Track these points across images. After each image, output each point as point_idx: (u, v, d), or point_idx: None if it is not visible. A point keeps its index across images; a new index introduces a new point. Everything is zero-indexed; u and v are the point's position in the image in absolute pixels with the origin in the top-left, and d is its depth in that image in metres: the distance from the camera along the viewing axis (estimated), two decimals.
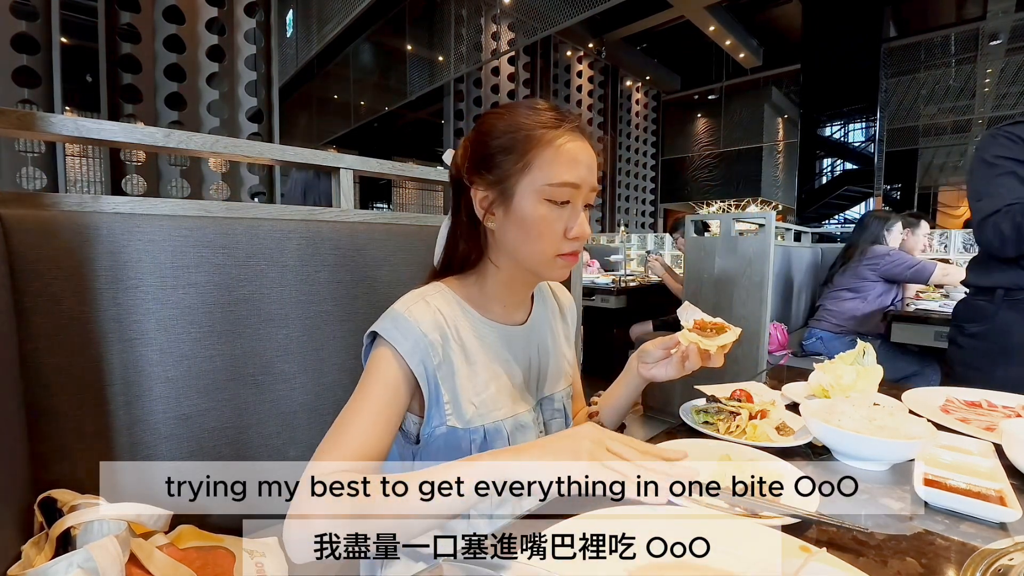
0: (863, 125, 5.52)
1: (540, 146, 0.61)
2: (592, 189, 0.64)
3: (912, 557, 0.42)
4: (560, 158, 0.61)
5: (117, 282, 0.65)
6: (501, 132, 0.62)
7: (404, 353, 0.60)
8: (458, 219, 0.69)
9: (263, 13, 2.90)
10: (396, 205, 10.66)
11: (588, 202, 0.65)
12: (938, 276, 2.24)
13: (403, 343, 0.60)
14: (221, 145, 0.82)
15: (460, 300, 0.68)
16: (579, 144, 0.63)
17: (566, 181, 0.61)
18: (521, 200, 0.62)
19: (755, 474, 0.54)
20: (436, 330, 0.62)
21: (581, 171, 0.62)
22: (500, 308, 0.71)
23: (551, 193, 0.61)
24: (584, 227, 0.63)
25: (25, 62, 2.20)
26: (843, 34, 5.52)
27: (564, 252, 0.64)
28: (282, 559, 0.70)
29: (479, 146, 0.65)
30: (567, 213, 0.63)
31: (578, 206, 0.63)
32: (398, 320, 0.61)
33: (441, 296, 0.66)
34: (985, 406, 0.83)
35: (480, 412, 0.64)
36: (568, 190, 0.61)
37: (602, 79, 7.30)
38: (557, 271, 0.66)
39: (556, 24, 4.60)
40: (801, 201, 5.85)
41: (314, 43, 6.16)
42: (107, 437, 0.65)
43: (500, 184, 0.62)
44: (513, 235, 0.64)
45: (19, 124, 0.63)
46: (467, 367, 0.64)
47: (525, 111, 0.63)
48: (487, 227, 0.66)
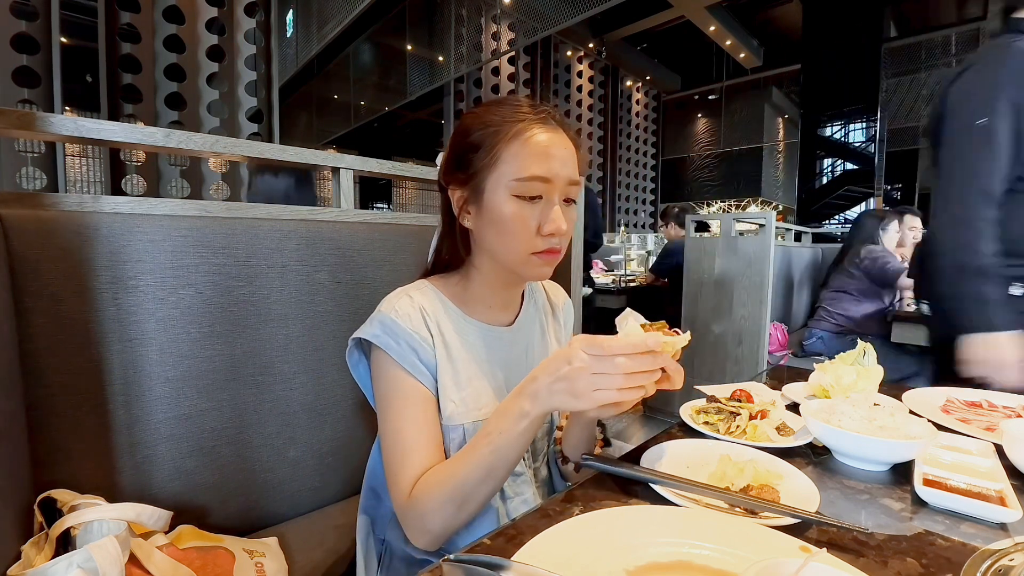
0: (863, 125, 5.52)
1: (506, 140, 0.59)
2: (570, 182, 0.61)
3: (912, 557, 0.42)
4: (527, 151, 0.59)
5: (117, 282, 0.65)
6: (473, 129, 0.62)
7: (400, 359, 0.60)
8: (443, 220, 0.69)
9: (263, 13, 2.90)
10: (396, 205, 10.66)
11: (568, 196, 0.62)
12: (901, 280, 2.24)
13: (396, 348, 0.60)
14: (221, 145, 0.82)
15: (443, 298, 0.67)
16: (551, 136, 0.60)
17: (534, 175, 0.58)
18: (492, 197, 0.60)
19: (755, 474, 0.54)
20: (422, 325, 0.63)
21: (552, 164, 0.59)
22: (484, 308, 0.70)
23: (519, 188, 0.59)
24: (558, 222, 0.60)
25: (25, 62, 2.20)
26: (843, 34, 5.52)
27: (539, 250, 0.61)
28: (282, 559, 0.70)
29: (455, 146, 0.64)
30: (540, 208, 0.60)
31: (552, 200, 0.60)
32: (385, 323, 0.61)
33: (424, 293, 0.66)
34: (985, 406, 0.83)
35: (460, 410, 0.64)
36: (537, 184, 0.59)
37: (602, 79, 7.30)
38: (534, 270, 0.63)
39: (556, 24, 4.60)
40: (801, 201, 5.85)
41: (314, 43, 6.16)
42: (107, 437, 0.65)
43: (472, 182, 0.62)
44: (488, 234, 0.62)
45: (19, 124, 0.63)
46: (449, 364, 0.64)
47: (497, 107, 0.62)
48: (466, 227, 0.65)
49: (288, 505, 0.82)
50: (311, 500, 0.84)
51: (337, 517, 0.83)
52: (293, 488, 0.82)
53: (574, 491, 0.53)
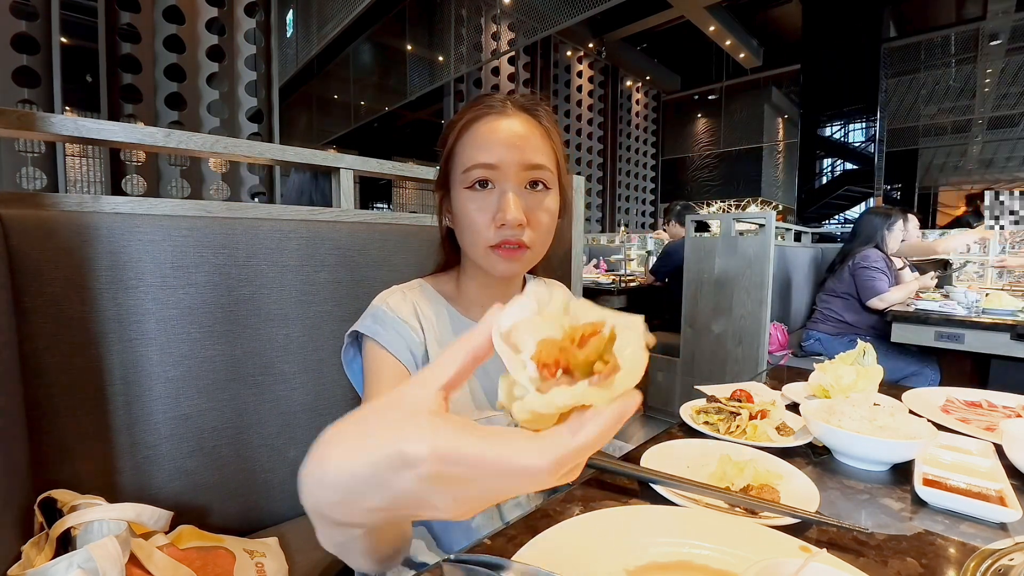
0: (863, 125, 5.52)
1: (456, 134, 0.59)
2: (526, 167, 0.57)
3: (912, 557, 0.42)
4: (472, 140, 0.58)
5: (117, 282, 0.65)
6: (445, 131, 0.63)
7: (389, 345, 0.59)
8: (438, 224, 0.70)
9: (263, 13, 2.90)
10: (396, 205, 10.67)
11: (533, 180, 0.58)
12: (874, 301, 2.22)
13: (384, 335, 0.60)
14: (221, 145, 0.82)
15: (437, 296, 0.68)
16: (500, 122, 0.57)
17: (477, 162, 0.56)
18: (455, 194, 0.60)
19: (755, 474, 0.54)
20: (414, 318, 0.62)
21: (497, 149, 0.56)
22: (478, 307, 0.69)
23: (466, 179, 0.58)
24: (508, 211, 0.55)
25: (25, 62, 2.20)
26: (843, 34, 5.51)
27: (493, 243, 0.57)
28: (282, 559, 0.70)
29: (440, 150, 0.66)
30: (493, 198, 0.57)
31: (504, 188, 0.57)
32: (377, 314, 0.62)
33: (419, 290, 0.67)
34: (985, 406, 0.83)
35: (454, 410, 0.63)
36: (481, 171, 0.56)
37: (602, 79, 7.30)
38: (496, 265, 0.59)
39: (556, 24, 4.60)
40: (801, 201, 5.85)
41: (314, 43, 6.16)
42: (107, 437, 0.65)
43: (444, 183, 0.63)
44: (458, 232, 0.63)
45: (19, 124, 0.63)
46: None
47: (467, 105, 0.62)
48: (449, 228, 0.66)
49: (288, 505, 0.82)
50: None
51: None
52: (293, 488, 0.81)
53: (574, 491, 0.53)
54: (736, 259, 2.28)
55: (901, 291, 2.23)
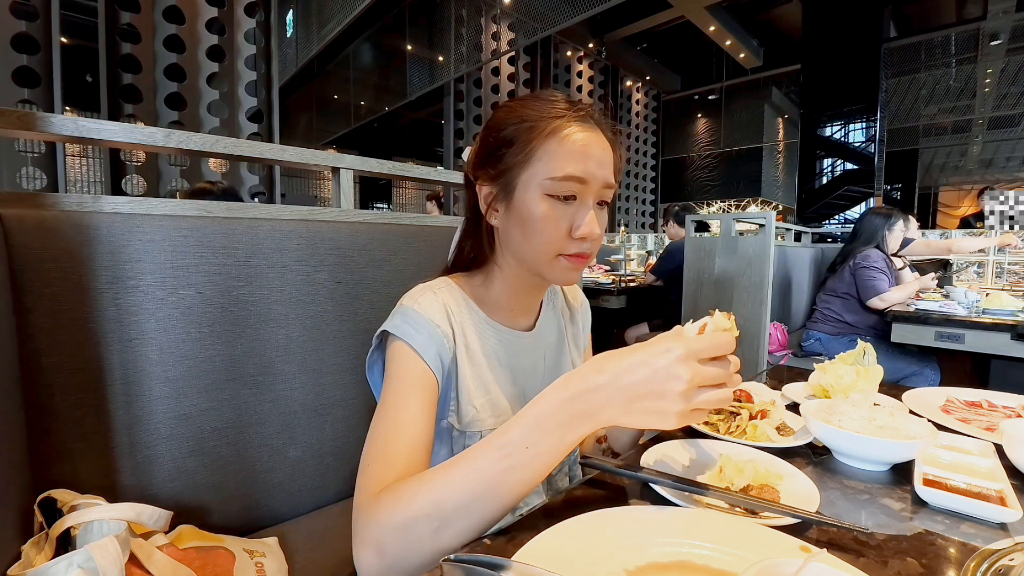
0: (863, 125, 5.52)
1: (542, 136, 0.56)
2: (606, 185, 0.59)
3: (912, 557, 0.42)
4: (563, 149, 0.56)
5: (117, 282, 0.65)
6: (507, 124, 0.59)
7: (419, 347, 0.57)
8: (468, 217, 0.68)
9: (263, 13, 2.91)
10: (396, 205, 10.68)
11: (603, 199, 0.60)
12: (874, 301, 2.22)
13: (416, 337, 0.57)
14: (221, 145, 0.82)
15: (466, 297, 0.65)
16: (589, 135, 0.57)
17: (569, 174, 0.56)
18: (522, 195, 0.58)
19: (755, 474, 0.54)
20: (446, 322, 0.60)
21: (588, 165, 0.56)
22: (506, 312, 0.67)
23: (553, 187, 0.56)
24: (592, 226, 0.57)
25: (25, 62, 2.21)
26: (843, 34, 5.52)
27: (569, 252, 0.58)
28: (282, 559, 0.70)
29: (486, 140, 0.62)
30: (573, 210, 0.58)
31: (587, 203, 0.58)
32: (408, 314, 0.59)
33: (448, 291, 0.64)
34: (985, 406, 0.83)
35: (480, 416, 0.62)
36: (572, 184, 0.56)
37: (602, 79, 7.30)
38: (560, 273, 0.60)
39: (556, 24, 4.60)
40: (801, 201, 5.85)
41: (314, 43, 6.17)
42: (107, 437, 0.65)
43: (502, 178, 0.59)
44: (515, 232, 0.60)
45: (19, 124, 0.63)
46: (470, 367, 0.62)
47: (533, 102, 0.59)
48: (492, 224, 0.63)
49: (288, 505, 0.82)
50: (311, 500, 0.84)
51: (337, 517, 0.83)
52: (293, 488, 0.82)
53: (574, 491, 0.53)
54: (736, 259, 2.28)
55: (902, 291, 2.24)
